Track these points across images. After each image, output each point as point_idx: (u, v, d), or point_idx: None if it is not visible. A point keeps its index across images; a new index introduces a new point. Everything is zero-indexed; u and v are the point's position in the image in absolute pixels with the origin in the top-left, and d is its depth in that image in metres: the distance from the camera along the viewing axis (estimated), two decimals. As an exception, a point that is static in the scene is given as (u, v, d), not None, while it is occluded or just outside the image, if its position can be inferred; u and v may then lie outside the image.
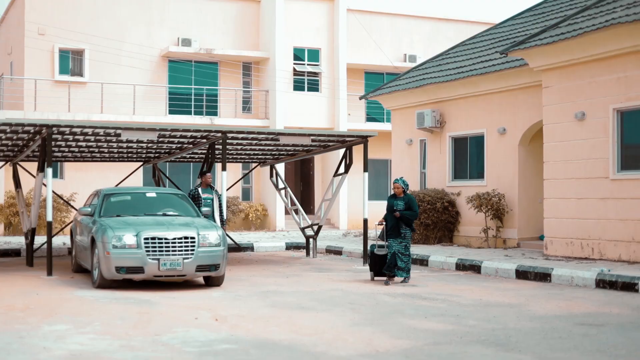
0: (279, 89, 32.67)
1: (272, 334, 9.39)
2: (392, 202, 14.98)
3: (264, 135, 18.00)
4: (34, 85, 30.04)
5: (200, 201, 16.62)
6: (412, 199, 15.03)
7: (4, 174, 27.12)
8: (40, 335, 9.17)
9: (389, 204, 15.02)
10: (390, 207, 14.94)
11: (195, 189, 16.94)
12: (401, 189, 15.02)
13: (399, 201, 14.94)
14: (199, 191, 16.88)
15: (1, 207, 27.96)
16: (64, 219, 27.11)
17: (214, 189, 17.25)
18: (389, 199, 15.13)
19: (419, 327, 9.86)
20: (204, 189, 16.96)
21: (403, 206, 14.87)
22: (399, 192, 15.02)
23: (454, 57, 24.59)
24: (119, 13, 31.67)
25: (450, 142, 23.16)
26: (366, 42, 35.04)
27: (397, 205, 14.87)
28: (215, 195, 17.00)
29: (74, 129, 16.21)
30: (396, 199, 15.00)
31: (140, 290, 13.42)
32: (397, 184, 15.08)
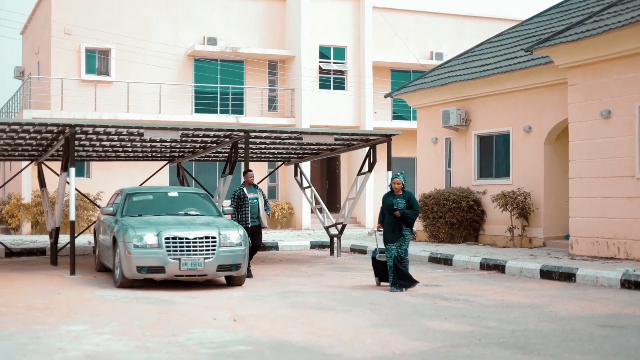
0: (304, 88, 32.62)
1: (289, 335, 9.31)
2: (392, 201, 13.62)
3: (286, 134, 17.94)
4: (61, 84, 30.22)
5: (246, 201, 15.81)
6: (413, 196, 13.76)
7: (32, 173, 27.33)
8: (57, 335, 9.17)
9: (387, 202, 13.64)
10: (390, 206, 13.59)
11: (240, 189, 15.95)
12: (401, 184, 13.67)
13: (399, 199, 13.59)
14: (244, 191, 15.94)
15: (28, 206, 28.17)
16: (91, 217, 27.26)
17: (258, 187, 16.49)
18: (386, 198, 13.74)
19: (438, 328, 9.74)
20: (249, 189, 16.08)
21: (404, 204, 13.54)
22: (398, 188, 13.66)
23: (480, 54, 24.40)
24: (145, 12, 31.80)
25: (475, 140, 22.98)
26: (392, 40, 34.89)
27: (397, 204, 13.53)
28: (260, 195, 16.27)
29: (97, 129, 16.24)
30: (395, 197, 13.64)
31: (161, 290, 13.41)
32: (398, 180, 13.70)
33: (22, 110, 30.57)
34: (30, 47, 36.23)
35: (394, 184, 13.75)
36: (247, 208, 15.74)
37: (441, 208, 22.26)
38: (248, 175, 16.16)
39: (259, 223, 16.04)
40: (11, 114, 34.76)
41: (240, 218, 15.67)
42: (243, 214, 15.70)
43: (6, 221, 28.70)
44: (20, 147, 18.54)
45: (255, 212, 15.90)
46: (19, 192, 29.53)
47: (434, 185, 24.09)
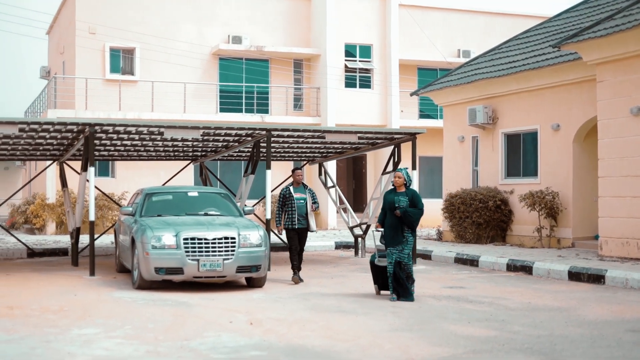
0: (330, 86, 32.37)
1: (305, 339, 9.11)
2: (393, 198, 12.47)
3: (309, 132, 17.71)
4: (85, 84, 30.19)
5: (292, 202, 14.80)
6: (416, 194, 12.59)
7: (56, 173, 27.32)
8: (68, 339, 9.02)
9: (388, 200, 12.53)
10: (391, 203, 12.47)
11: (287, 189, 14.91)
12: (403, 180, 12.55)
13: (401, 197, 12.45)
14: (290, 190, 14.88)
15: (53, 206, 28.20)
16: (115, 217, 27.23)
17: (308, 187, 15.28)
18: (388, 195, 12.63)
19: (461, 333, 9.48)
20: (296, 188, 14.96)
21: (407, 203, 12.41)
22: (399, 184, 12.55)
23: (507, 51, 24.08)
24: (169, 11, 31.70)
25: (502, 138, 22.66)
26: (419, 38, 34.56)
27: (399, 201, 12.41)
28: (309, 195, 15.04)
29: (117, 128, 16.10)
30: (397, 194, 12.52)
31: (180, 291, 13.24)
32: (400, 174, 12.58)
33: (46, 110, 30.59)
34: (55, 47, 36.31)
35: (395, 179, 12.63)
36: (292, 209, 14.77)
37: (468, 208, 21.98)
38: (295, 174, 15.09)
39: (306, 225, 14.91)
40: (37, 113, 34.86)
41: (286, 219, 14.75)
42: (288, 215, 14.74)
43: (31, 221, 28.72)
44: (41, 147, 18.47)
45: (303, 214, 14.83)
46: (44, 192, 29.58)
47: (461, 184, 23.80)
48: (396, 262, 12.34)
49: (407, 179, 12.63)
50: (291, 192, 14.80)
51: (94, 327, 9.78)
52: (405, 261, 12.39)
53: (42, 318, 10.42)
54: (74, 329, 9.59)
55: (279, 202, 14.89)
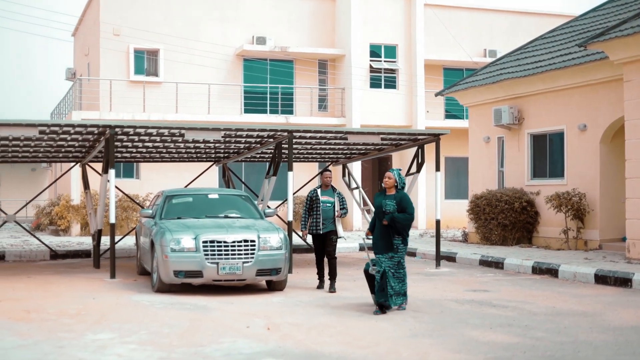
0: (355, 87, 32.17)
1: (323, 345, 8.96)
2: (380, 201, 11.57)
3: (331, 134, 17.55)
4: (109, 85, 30.23)
5: (318, 205, 13.92)
6: (406, 197, 11.52)
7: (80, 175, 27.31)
8: (82, 344, 8.94)
9: (377, 204, 11.63)
10: (378, 207, 11.59)
11: (314, 191, 14.05)
12: (393, 180, 11.60)
13: (389, 200, 11.48)
14: (317, 193, 13.99)
15: (77, 207, 28.23)
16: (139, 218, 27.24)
17: (336, 190, 14.30)
18: (377, 197, 11.73)
19: (482, 339, 9.31)
20: (324, 191, 14.04)
21: (393, 207, 11.43)
22: (389, 185, 11.59)
23: (533, 51, 23.78)
24: (193, 12, 31.64)
25: (528, 139, 22.36)
26: (444, 38, 34.27)
27: (385, 205, 11.45)
28: (337, 198, 14.08)
29: (137, 129, 16.05)
30: (385, 197, 11.57)
31: (199, 295, 13.13)
32: (390, 174, 11.62)
33: (71, 111, 30.67)
34: (80, 49, 36.41)
35: (385, 180, 11.66)
36: (318, 212, 13.84)
37: (493, 209, 21.72)
38: (323, 176, 14.20)
39: (333, 228, 13.95)
40: (62, 115, 34.93)
41: (311, 223, 13.95)
42: (314, 218, 13.90)
43: (56, 223, 28.79)
44: (63, 149, 18.49)
45: (329, 218, 13.89)
46: (68, 194, 29.61)
47: (486, 185, 23.55)
48: (383, 274, 11.37)
49: (398, 181, 11.64)
50: (318, 195, 13.97)
51: (109, 331, 9.71)
52: (395, 269, 11.50)
53: (58, 322, 10.35)
54: (88, 334, 9.51)
55: (305, 205, 14.19)
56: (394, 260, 11.50)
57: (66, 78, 37.43)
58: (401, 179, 11.66)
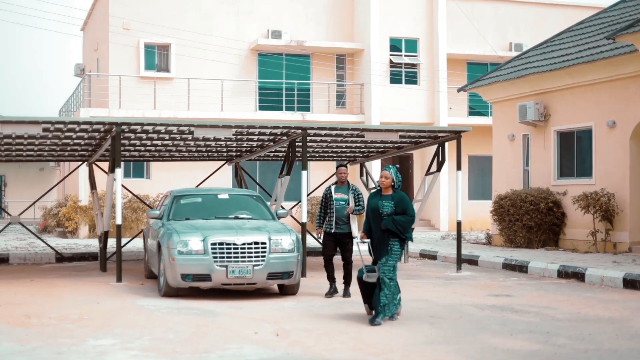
0: (374, 82, 31.63)
1: (333, 352, 8.63)
2: (376, 203, 10.75)
3: (347, 131, 17.00)
4: (119, 81, 29.80)
5: (332, 203, 13.12)
6: (405, 198, 10.80)
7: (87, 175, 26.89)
8: (82, 351, 8.65)
9: (371, 205, 10.83)
10: (374, 209, 10.79)
11: (329, 188, 13.29)
12: (390, 180, 10.81)
13: (385, 201, 10.71)
14: (331, 190, 13.19)
15: (85, 208, 27.86)
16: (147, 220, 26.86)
17: (352, 186, 13.40)
18: (371, 198, 10.92)
19: (501, 346, 8.96)
20: (339, 188, 13.24)
21: (391, 208, 10.68)
22: (386, 185, 10.80)
23: (560, 44, 23.30)
24: (206, 5, 31.19)
25: (555, 136, 21.91)
26: (468, 31, 33.64)
27: (382, 206, 10.67)
28: (352, 195, 13.21)
29: (145, 127, 15.57)
30: (381, 198, 10.78)
31: (208, 299, 12.72)
32: (386, 173, 10.80)
33: (79, 108, 30.29)
34: (89, 44, 36.09)
35: (381, 180, 10.84)
36: (332, 211, 13.10)
37: (518, 210, 21.23)
38: (338, 172, 13.35)
39: (348, 231, 13.14)
40: (71, 112, 34.68)
41: (327, 222, 13.16)
42: (329, 217, 13.14)
43: (63, 224, 28.41)
44: (69, 147, 18.11)
45: (343, 217, 13.10)
46: (76, 194, 29.24)
47: (511, 185, 23.06)
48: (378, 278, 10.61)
49: (395, 180, 10.83)
50: (332, 192, 13.20)
51: (111, 337, 9.43)
52: (389, 275, 10.61)
53: (58, 327, 10.07)
54: (89, 340, 9.24)
55: (321, 203, 13.45)
56: (389, 265, 10.66)
57: (75, 74, 37.09)
58: (398, 178, 10.88)
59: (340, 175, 13.29)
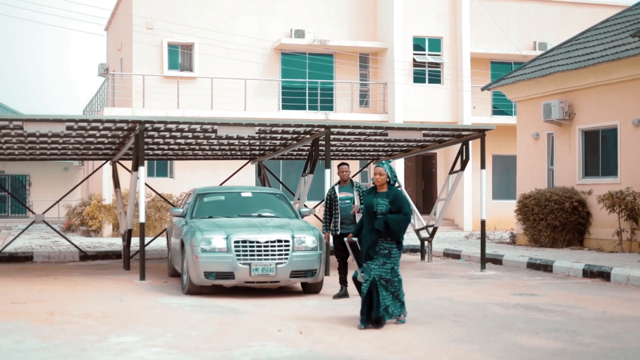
0: (397, 82, 31.44)
1: (356, 350, 8.57)
2: (371, 200, 10.16)
3: (371, 129, 16.91)
4: (142, 81, 29.84)
5: (336, 203, 12.76)
6: (400, 195, 10.19)
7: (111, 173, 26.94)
8: (104, 347, 8.64)
9: (367, 203, 10.24)
10: (368, 207, 10.19)
11: (332, 188, 12.90)
12: (385, 176, 10.18)
13: (380, 199, 10.11)
14: (335, 190, 12.80)
15: (109, 207, 27.89)
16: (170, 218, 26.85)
17: (356, 185, 12.96)
18: (366, 195, 10.36)
19: (526, 345, 8.87)
20: (342, 187, 12.85)
21: (386, 206, 10.08)
22: (381, 182, 10.18)
23: (584, 42, 23.01)
24: (229, 4, 31.12)
25: (580, 135, 21.66)
26: (492, 30, 33.38)
27: (377, 204, 10.08)
28: (357, 194, 12.79)
29: (168, 125, 15.55)
30: (376, 196, 10.18)
31: (231, 297, 12.69)
32: (380, 169, 10.16)
33: (103, 108, 30.36)
34: (113, 44, 36.12)
35: (375, 177, 10.22)
36: (336, 211, 12.73)
37: (542, 209, 21.03)
38: (340, 169, 12.97)
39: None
40: (95, 112, 34.74)
41: (333, 224, 12.83)
42: (334, 219, 12.81)
43: (87, 223, 28.48)
44: (92, 146, 18.14)
45: (349, 217, 12.73)
46: (100, 193, 29.30)
47: (535, 184, 22.84)
48: (373, 282, 10.04)
49: (390, 176, 10.20)
50: (336, 192, 12.79)
51: (134, 334, 9.41)
52: (388, 277, 10.10)
53: (82, 324, 10.08)
54: (112, 337, 9.24)
55: (325, 205, 12.98)
56: (387, 267, 10.09)
57: (99, 74, 37.15)
58: (393, 173, 10.23)
59: (342, 173, 12.94)
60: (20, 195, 49.73)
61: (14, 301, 12.15)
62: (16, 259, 19.60)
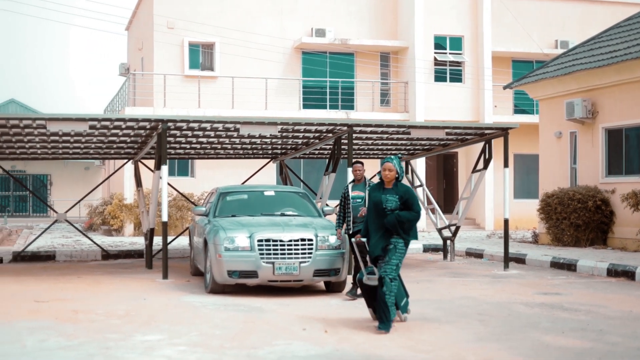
0: (418, 80, 31.30)
1: (383, 349, 8.52)
2: (379, 197, 9.71)
3: (393, 128, 16.85)
4: (164, 80, 29.88)
5: (349, 202, 12.60)
6: (411, 192, 9.76)
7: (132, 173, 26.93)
8: (129, 346, 8.64)
9: (374, 199, 9.79)
10: (377, 204, 9.73)
11: (346, 187, 12.75)
12: (394, 172, 9.74)
13: (389, 195, 9.67)
14: (348, 189, 12.64)
15: (130, 206, 27.90)
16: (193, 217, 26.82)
17: (369, 184, 12.61)
18: (372, 192, 9.91)
19: (553, 344, 8.84)
20: (356, 186, 12.71)
21: (396, 203, 9.66)
22: (390, 178, 9.76)
23: (607, 40, 22.81)
24: (250, 3, 31.07)
25: (603, 134, 21.47)
26: (513, 28, 33.16)
27: (386, 201, 9.65)
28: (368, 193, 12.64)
29: (191, 124, 15.54)
30: (385, 192, 9.74)
31: (254, 296, 12.66)
32: (390, 165, 9.73)
33: (124, 107, 30.41)
34: (134, 43, 36.10)
35: (384, 173, 9.75)
36: (348, 210, 12.57)
37: (565, 208, 20.87)
38: (354, 169, 12.83)
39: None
40: (116, 111, 34.70)
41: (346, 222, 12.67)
42: (347, 217, 12.66)
43: (108, 222, 28.52)
44: (114, 145, 18.13)
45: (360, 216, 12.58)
46: (121, 192, 29.34)
47: (558, 183, 22.66)
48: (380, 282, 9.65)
49: (398, 172, 9.79)
50: (349, 191, 12.64)
51: (158, 333, 9.39)
52: (393, 275, 9.63)
53: (106, 323, 10.07)
54: (137, 335, 9.22)
55: (340, 203, 12.80)
56: (392, 264, 9.65)
57: (120, 73, 37.23)
58: (401, 169, 9.81)
59: (355, 172, 12.81)
60: (42, 195, 49.90)
61: (38, 300, 12.16)
62: (39, 258, 19.67)
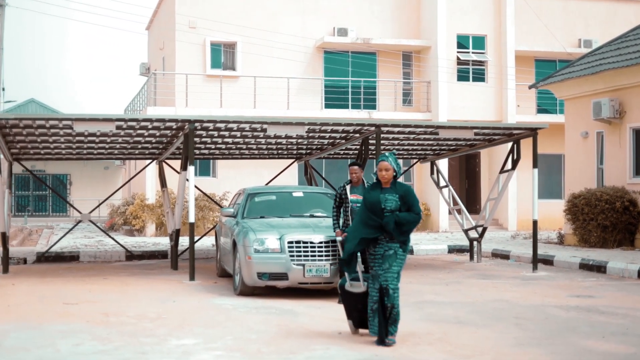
0: (441, 80, 31.05)
1: (421, 353, 8.39)
2: (377, 197, 8.92)
3: (421, 128, 16.69)
4: (185, 80, 29.76)
5: (347, 205, 11.73)
6: (411, 192, 9.03)
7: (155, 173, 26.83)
8: (165, 350, 8.55)
9: (371, 200, 8.96)
10: (375, 204, 8.93)
11: (343, 187, 11.82)
12: (392, 172, 8.96)
13: (389, 195, 8.91)
14: (346, 190, 11.76)
15: (152, 206, 27.75)
16: (216, 218, 26.66)
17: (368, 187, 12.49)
18: (370, 192, 9.06)
19: (596, 349, 8.65)
20: (354, 188, 11.80)
21: (396, 203, 8.92)
22: (387, 179, 9.00)
23: (635, 39, 22.52)
24: (272, 3, 30.91)
25: (631, 134, 21.20)
26: (536, 27, 32.85)
27: (385, 201, 8.88)
28: None
29: (217, 124, 15.42)
30: (383, 192, 8.96)
31: (284, 298, 12.52)
32: (386, 163, 8.95)
33: (146, 107, 30.32)
34: (155, 43, 36.02)
35: (381, 172, 8.98)
36: (347, 213, 11.71)
37: (592, 209, 20.60)
38: (351, 171, 11.93)
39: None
40: (137, 111, 34.64)
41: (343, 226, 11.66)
42: (345, 221, 11.74)
43: (130, 222, 28.43)
44: (139, 145, 18.03)
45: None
46: (143, 192, 29.24)
47: (584, 184, 22.38)
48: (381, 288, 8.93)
49: (396, 170, 9.02)
50: (347, 192, 11.75)
51: (192, 337, 9.29)
52: (394, 285, 8.90)
53: (138, 326, 9.97)
54: (171, 339, 9.11)
55: (334, 202, 11.89)
56: (393, 272, 8.90)
57: (140, 73, 37.16)
58: (398, 167, 9.03)
59: (352, 175, 11.92)
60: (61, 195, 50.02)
61: (67, 302, 12.09)
62: (62, 259, 19.60)
